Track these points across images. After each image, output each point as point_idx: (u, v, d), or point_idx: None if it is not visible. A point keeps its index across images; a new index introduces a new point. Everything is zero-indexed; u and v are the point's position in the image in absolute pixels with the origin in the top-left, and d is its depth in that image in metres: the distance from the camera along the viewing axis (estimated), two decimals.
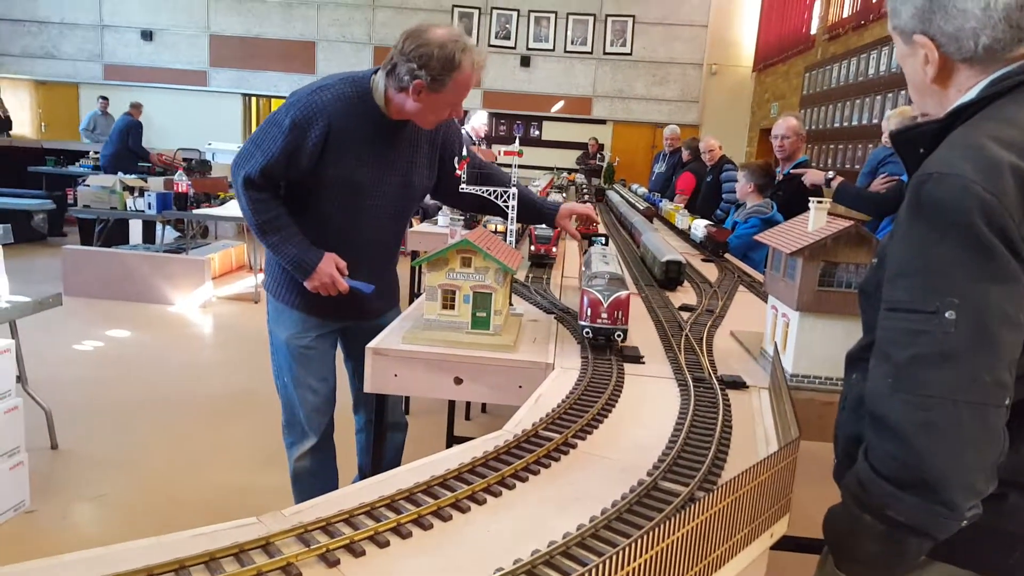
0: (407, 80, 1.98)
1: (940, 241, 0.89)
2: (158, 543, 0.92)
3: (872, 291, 1.10)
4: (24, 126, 13.11)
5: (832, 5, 9.24)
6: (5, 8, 12.69)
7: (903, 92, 6.55)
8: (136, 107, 9.90)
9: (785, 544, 1.16)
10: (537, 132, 13.45)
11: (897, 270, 0.95)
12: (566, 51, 13.27)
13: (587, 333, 1.75)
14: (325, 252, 2.10)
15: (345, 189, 2.10)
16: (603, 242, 2.69)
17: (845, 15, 8.80)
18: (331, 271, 2.09)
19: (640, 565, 0.76)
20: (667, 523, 0.80)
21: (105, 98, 11.38)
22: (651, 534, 0.78)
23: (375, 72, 2.11)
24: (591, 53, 13.25)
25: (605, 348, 1.79)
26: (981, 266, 0.87)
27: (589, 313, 1.74)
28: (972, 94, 1.00)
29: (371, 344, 1.78)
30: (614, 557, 0.73)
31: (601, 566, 0.71)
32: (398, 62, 1.99)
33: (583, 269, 2.16)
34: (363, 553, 0.89)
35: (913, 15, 1.03)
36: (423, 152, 2.28)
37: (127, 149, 9.45)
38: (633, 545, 0.75)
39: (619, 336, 1.74)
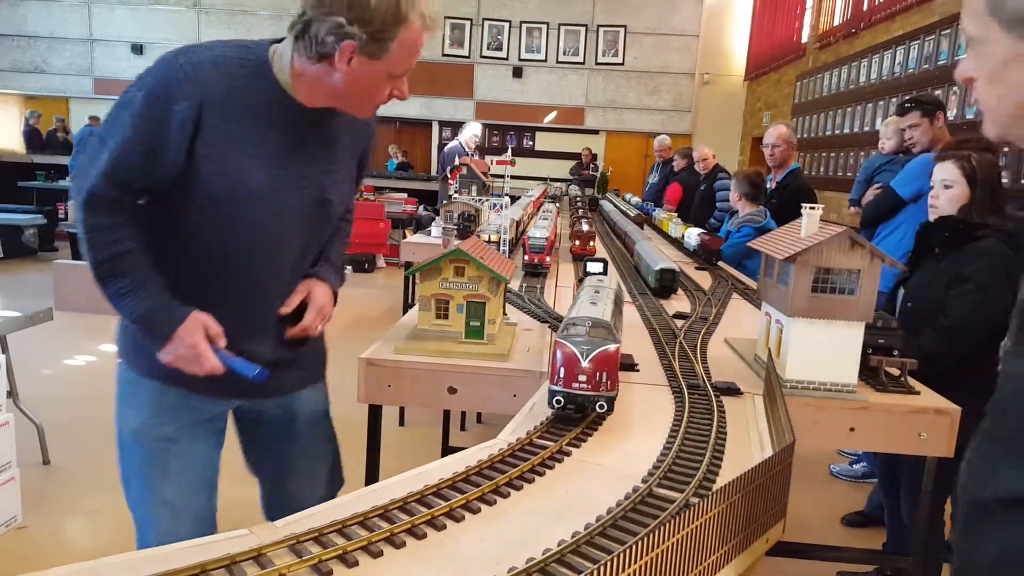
0: (331, 42, 1.34)
1: None
2: (150, 555, 0.91)
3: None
4: (14, 141, 13.08)
5: (823, 14, 9.33)
6: None
7: (893, 100, 6.61)
8: (95, 119, 9.87)
9: (780, 550, 1.16)
10: (530, 143, 13.50)
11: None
12: (558, 61, 13.35)
13: (557, 401, 1.31)
14: (191, 310, 1.40)
15: (229, 201, 1.41)
16: (601, 269, 2.29)
17: (836, 23, 8.89)
18: (196, 339, 1.38)
19: (635, 571, 0.75)
20: (662, 529, 0.80)
21: (96, 117, 11.39)
22: (646, 540, 0.77)
23: (275, 42, 1.47)
24: (583, 63, 13.34)
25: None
26: None
27: (562, 373, 1.31)
28: None
29: (364, 355, 1.77)
30: (609, 563, 0.72)
31: (596, 573, 0.71)
32: (313, 18, 1.35)
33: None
34: (356, 563, 0.88)
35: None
36: (343, 158, 1.61)
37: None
38: (628, 551, 0.74)
39: (602, 406, 1.32)
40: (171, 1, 12.75)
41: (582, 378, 1.31)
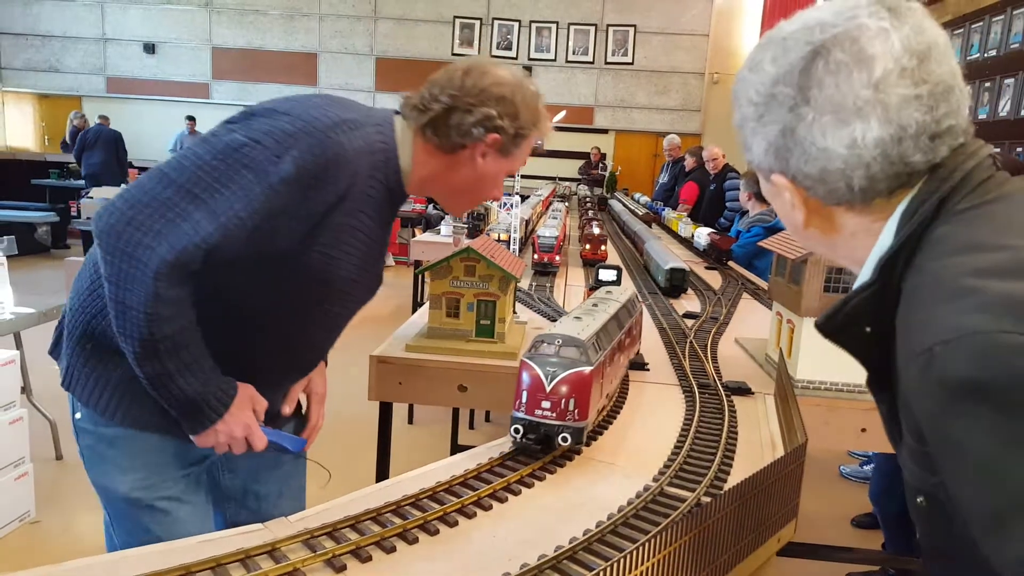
0: (477, 133, 1.28)
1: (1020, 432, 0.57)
2: (165, 549, 0.92)
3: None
4: (27, 139, 13.17)
5: None
6: (7, 22, 12.78)
7: None
8: (191, 120, 9.97)
9: (791, 551, 1.15)
10: (539, 142, 13.48)
11: (990, 517, 0.60)
12: (567, 61, 13.33)
13: (515, 430, 1.17)
14: (238, 385, 1.24)
15: (308, 289, 1.26)
16: (613, 277, 2.09)
17: None
18: (248, 418, 1.24)
19: (648, 568, 0.76)
20: (674, 527, 0.80)
21: (192, 118, 11.52)
22: (658, 538, 0.77)
23: (394, 113, 1.35)
24: (592, 63, 13.31)
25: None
26: None
27: (525, 398, 1.16)
28: (888, 238, 0.76)
29: (375, 353, 1.78)
30: (621, 561, 0.73)
31: (608, 570, 0.71)
32: (455, 107, 1.27)
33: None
34: (369, 559, 0.89)
35: (767, 150, 0.79)
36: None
37: (115, 160, 9.46)
38: (640, 549, 0.75)
39: (565, 439, 1.15)
40: (183, 1, 12.82)
41: (546, 405, 1.13)
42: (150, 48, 12.87)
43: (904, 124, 0.71)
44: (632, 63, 13.27)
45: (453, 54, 13.17)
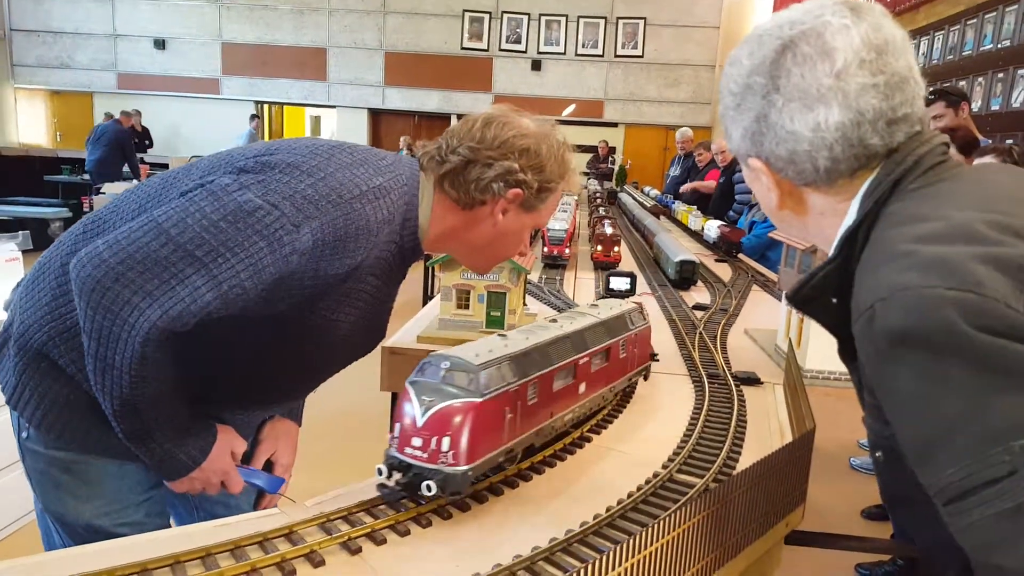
0: (497, 188, 1.19)
1: (944, 380, 0.64)
2: (183, 533, 0.94)
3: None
4: (40, 136, 13.29)
5: None
6: (19, 19, 12.87)
7: None
8: (126, 115, 9.91)
9: (799, 539, 1.16)
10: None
11: (921, 448, 0.67)
12: (577, 54, 13.29)
13: (379, 470, 1.00)
14: (217, 428, 1.20)
15: (298, 344, 1.20)
16: (627, 286, 1.87)
17: None
18: (226, 464, 1.20)
19: (658, 549, 0.77)
20: (684, 509, 0.81)
21: (257, 116, 11.69)
22: (668, 519, 0.79)
23: (418, 166, 1.25)
24: (602, 56, 13.26)
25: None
26: (1010, 376, 0.62)
27: (398, 432, 0.99)
28: (851, 218, 0.83)
29: (387, 343, 1.79)
30: (632, 542, 0.74)
31: (619, 551, 0.72)
32: (478, 158, 1.19)
33: None
34: (384, 541, 0.91)
35: (743, 136, 0.87)
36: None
37: (116, 155, 9.45)
38: (651, 530, 0.76)
39: (429, 487, 0.93)
40: None
41: (416, 442, 0.95)
42: (160, 44, 12.94)
43: (862, 110, 0.78)
44: (642, 56, 13.21)
45: (462, 48, 13.16)
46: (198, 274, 0.97)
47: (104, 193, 7.24)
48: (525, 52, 13.32)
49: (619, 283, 1.97)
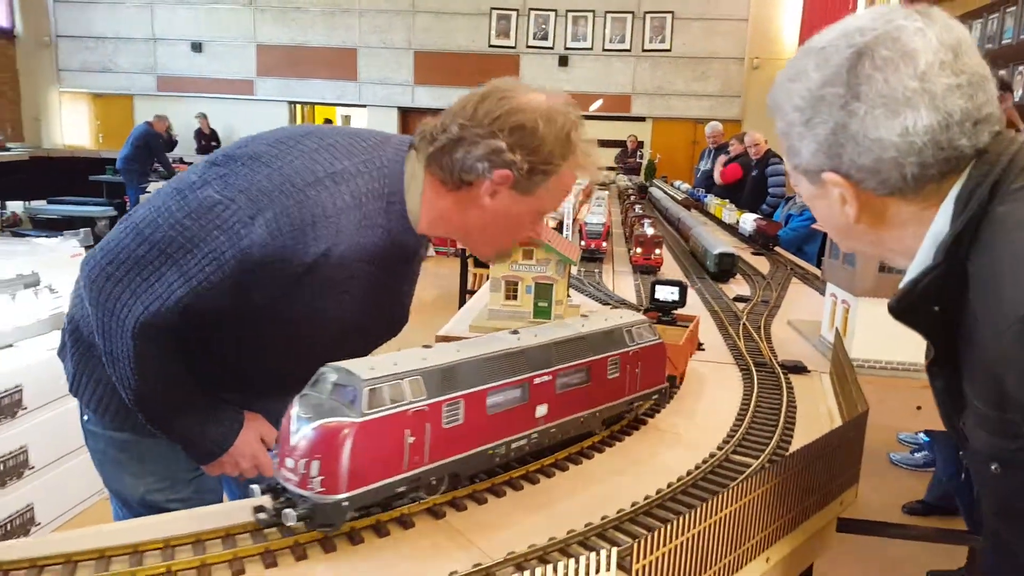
0: (481, 169, 1.13)
1: None
2: (227, 509, 1.01)
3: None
4: (83, 138, 13.70)
5: None
6: (64, 26, 13.31)
7: None
8: (159, 119, 10.14)
9: (842, 526, 1.19)
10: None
11: None
12: (604, 49, 13.26)
13: (251, 491, 0.92)
14: (244, 417, 1.25)
15: (300, 340, 1.21)
16: (676, 297, 1.64)
17: (892, 4, 8.62)
18: (253, 451, 1.25)
19: (722, 518, 0.82)
20: (746, 482, 0.86)
21: (330, 121, 11.85)
22: (731, 491, 0.84)
23: (408, 145, 1.21)
24: (629, 51, 13.21)
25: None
26: None
27: (280, 450, 0.89)
28: (942, 224, 0.81)
29: (440, 332, 1.87)
30: (698, 511, 0.79)
31: (685, 518, 0.78)
32: (465, 136, 1.13)
33: None
34: (465, 508, 0.97)
35: (816, 151, 0.83)
36: (416, 275, 1.43)
37: (146, 155, 9.65)
38: (718, 498, 0.81)
39: (288, 516, 0.84)
40: (228, 0, 13.14)
41: (288, 463, 0.86)
42: (197, 47, 13.24)
43: (950, 111, 0.77)
44: (670, 50, 13.13)
45: (490, 46, 13.22)
46: (171, 271, 1.04)
47: (149, 192, 7.46)
48: (552, 48, 13.34)
49: (665, 293, 1.65)
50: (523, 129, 1.11)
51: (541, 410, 1.06)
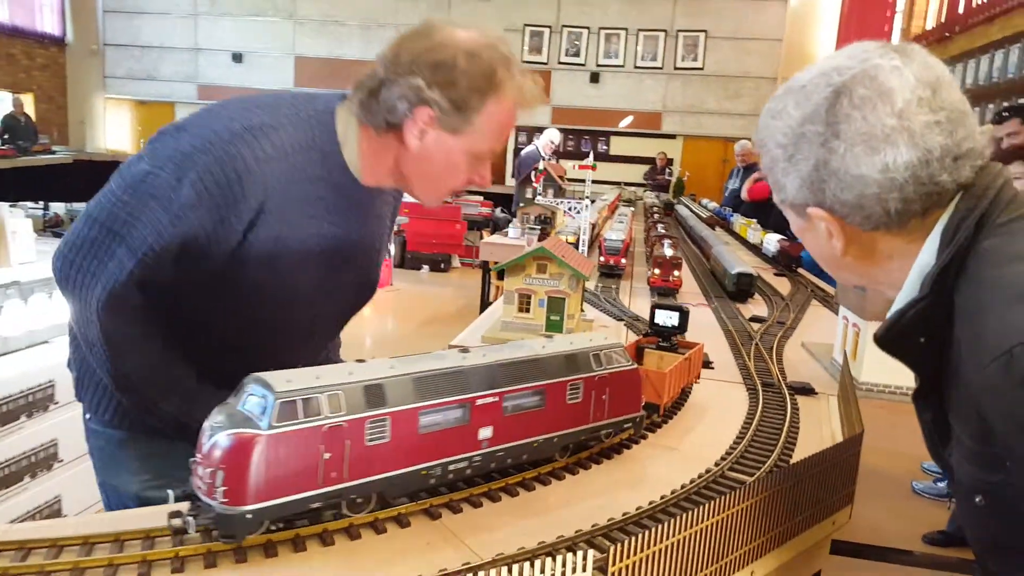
0: (403, 109, 1.13)
1: None
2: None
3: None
4: (124, 143, 14.17)
5: (914, 17, 8.97)
6: (112, 35, 13.84)
7: (991, 106, 6.30)
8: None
9: (838, 548, 1.19)
10: (605, 147, 13.51)
11: None
12: (636, 67, 13.31)
13: (168, 497, 0.99)
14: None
15: (270, 304, 1.22)
16: (676, 323, 1.56)
17: (928, 27, 8.53)
18: None
19: (706, 528, 0.85)
20: (731, 494, 0.88)
21: None
22: (715, 503, 0.86)
23: (340, 99, 1.23)
24: (661, 68, 13.24)
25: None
26: None
27: (199, 456, 0.87)
28: (928, 257, 0.82)
29: (454, 342, 1.91)
30: (680, 519, 0.82)
31: (657, 529, 0.80)
32: (386, 79, 1.14)
33: None
34: (460, 511, 1.01)
35: (800, 186, 0.84)
36: (385, 234, 1.44)
37: None
38: (699, 510, 0.84)
39: (185, 526, 0.86)
40: (269, 13, 13.51)
41: (199, 471, 0.85)
42: (238, 57, 13.63)
43: (930, 147, 0.78)
44: (702, 68, 13.13)
45: (522, 61, 13.36)
46: (120, 247, 1.07)
47: None
48: (584, 65, 13.42)
49: (665, 318, 1.54)
50: (442, 65, 1.11)
51: (485, 432, 1.02)
